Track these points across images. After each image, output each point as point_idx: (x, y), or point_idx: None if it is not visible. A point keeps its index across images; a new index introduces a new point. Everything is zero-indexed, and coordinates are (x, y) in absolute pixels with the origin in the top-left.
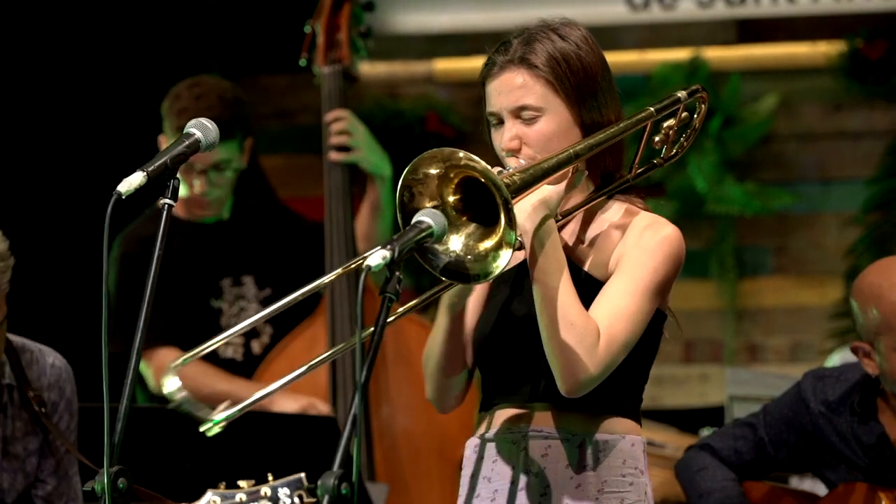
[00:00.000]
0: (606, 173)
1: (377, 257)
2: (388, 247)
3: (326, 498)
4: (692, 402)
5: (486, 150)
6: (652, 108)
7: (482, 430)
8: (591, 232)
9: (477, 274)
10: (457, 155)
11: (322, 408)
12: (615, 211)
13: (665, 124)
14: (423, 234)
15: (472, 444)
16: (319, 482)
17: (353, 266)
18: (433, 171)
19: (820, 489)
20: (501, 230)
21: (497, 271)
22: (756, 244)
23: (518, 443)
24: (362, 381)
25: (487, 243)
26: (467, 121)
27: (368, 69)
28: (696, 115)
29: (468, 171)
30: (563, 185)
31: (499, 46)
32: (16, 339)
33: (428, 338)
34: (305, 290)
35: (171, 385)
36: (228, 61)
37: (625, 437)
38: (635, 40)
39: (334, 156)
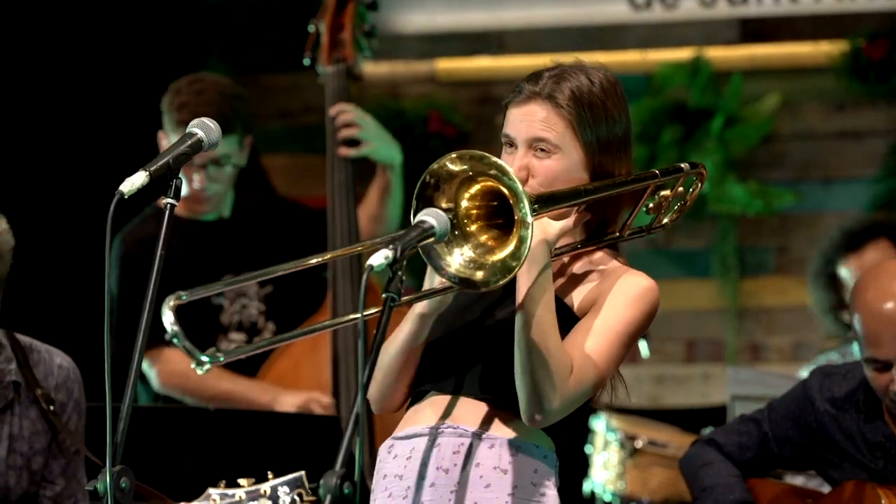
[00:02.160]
0: (601, 224)
1: (379, 257)
2: (391, 246)
3: (329, 497)
4: (694, 402)
5: (487, 149)
6: (657, 171)
7: (399, 429)
8: (575, 269)
9: (481, 283)
10: (487, 160)
11: (324, 399)
12: (599, 258)
13: (661, 193)
14: (425, 234)
15: (386, 444)
16: (322, 482)
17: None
18: (458, 171)
19: (823, 486)
20: (513, 244)
21: (500, 283)
22: (758, 244)
23: (432, 439)
24: (364, 381)
25: (498, 255)
26: (469, 120)
27: (371, 69)
28: (690, 191)
29: (493, 180)
30: (565, 222)
31: (530, 75)
32: (24, 339)
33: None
34: (307, 261)
35: (168, 318)
36: (230, 60)
37: (539, 447)
38: (637, 40)
39: (344, 151)
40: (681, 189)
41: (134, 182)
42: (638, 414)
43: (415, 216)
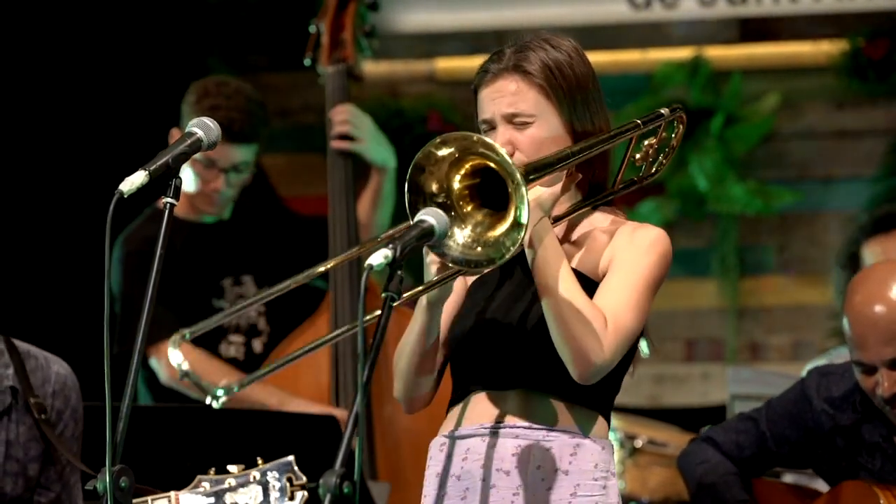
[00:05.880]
0: (594, 184)
1: (379, 256)
2: (390, 246)
3: (329, 497)
4: (694, 401)
5: None
6: (639, 121)
7: (451, 426)
8: (578, 235)
9: (486, 260)
10: (471, 139)
11: (337, 413)
12: (600, 218)
13: (646, 142)
14: (425, 233)
15: (437, 442)
16: (321, 481)
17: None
18: (446, 154)
19: (820, 485)
20: (512, 216)
21: (507, 257)
22: (758, 243)
23: (489, 439)
24: (364, 381)
25: (498, 230)
26: (469, 120)
27: (370, 68)
28: (674, 135)
29: (481, 157)
30: (556, 187)
31: (492, 55)
32: (22, 345)
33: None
34: (305, 274)
35: (175, 358)
36: (230, 60)
37: (596, 441)
38: (637, 39)
39: (336, 143)
40: (664, 135)
41: (133, 182)
42: (637, 413)
43: (409, 207)
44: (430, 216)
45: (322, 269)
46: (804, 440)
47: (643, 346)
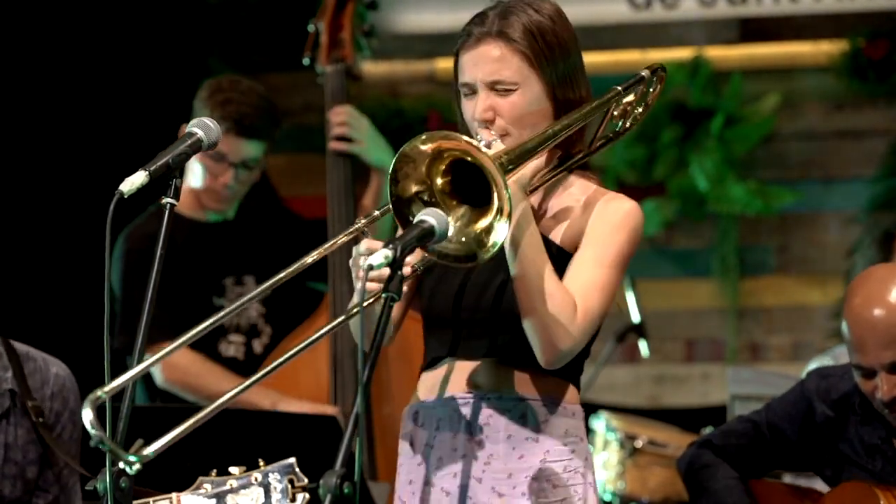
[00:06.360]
0: (569, 147)
1: (379, 256)
2: (391, 246)
3: (329, 497)
4: (694, 402)
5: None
6: (619, 88)
7: (423, 394)
8: (555, 204)
9: (471, 254)
10: (454, 137)
11: (329, 411)
12: (576, 185)
13: (625, 100)
14: (425, 233)
15: (410, 410)
16: (321, 481)
17: (351, 235)
18: (422, 154)
19: (820, 486)
20: (494, 210)
21: (492, 251)
22: (758, 243)
23: (460, 408)
24: (364, 381)
25: (481, 223)
26: None
27: (370, 68)
28: (651, 90)
29: (458, 153)
30: (535, 162)
31: (474, 18)
32: (20, 347)
33: None
34: (316, 254)
35: (86, 417)
36: (230, 60)
37: (566, 407)
38: (637, 39)
39: (335, 144)
40: (643, 89)
41: (133, 182)
42: (637, 413)
43: (391, 199)
44: (431, 216)
45: (311, 259)
46: (804, 442)
47: (643, 347)
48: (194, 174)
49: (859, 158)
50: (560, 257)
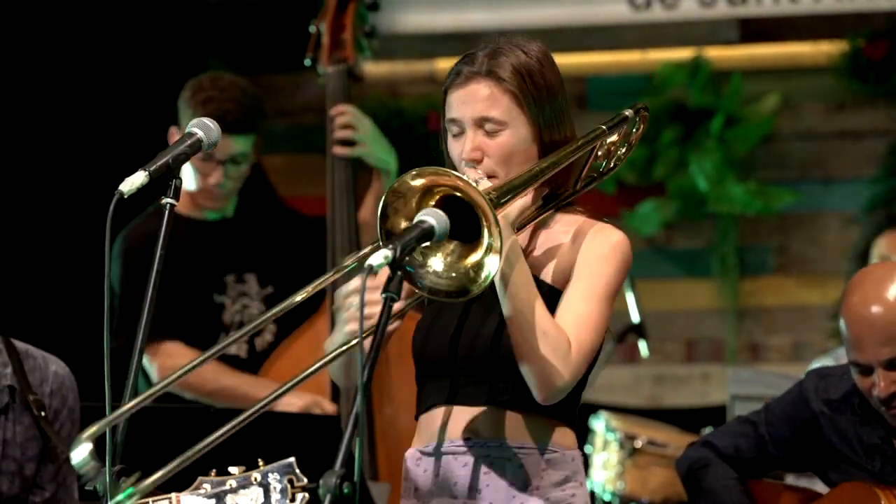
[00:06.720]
0: (555, 187)
1: (379, 257)
2: (391, 246)
3: (329, 497)
4: (694, 402)
5: None
6: (604, 127)
7: (424, 440)
8: (543, 242)
9: (462, 290)
10: (445, 174)
11: (327, 406)
12: (562, 222)
13: (608, 140)
14: (425, 233)
15: (412, 455)
16: (321, 481)
17: (351, 264)
18: (412, 189)
19: (820, 487)
20: (485, 245)
21: (484, 285)
22: (758, 243)
23: (460, 456)
24: (364, 381)
25: (471, 259)
26: None
27: (370, 68)
28: (634, 131)
29: (449, 188)
30: (521, 200)
31: (463, 58)
32: (20, 344)
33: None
34: (309, 288)
35: (79, 455)
36: (230, 60)
37: (565, 453)
38: (637, 40)
39: (339, 150)
40: (627, 129)
41: (133, 182)
42: (637, 414)
43: (381, 234)
44: (430, 216)
45: (323, 279)
46: (803, 443)
47: (643, 347)
48: (186, 176)
49: (859, 159)
50: (552, 296)
